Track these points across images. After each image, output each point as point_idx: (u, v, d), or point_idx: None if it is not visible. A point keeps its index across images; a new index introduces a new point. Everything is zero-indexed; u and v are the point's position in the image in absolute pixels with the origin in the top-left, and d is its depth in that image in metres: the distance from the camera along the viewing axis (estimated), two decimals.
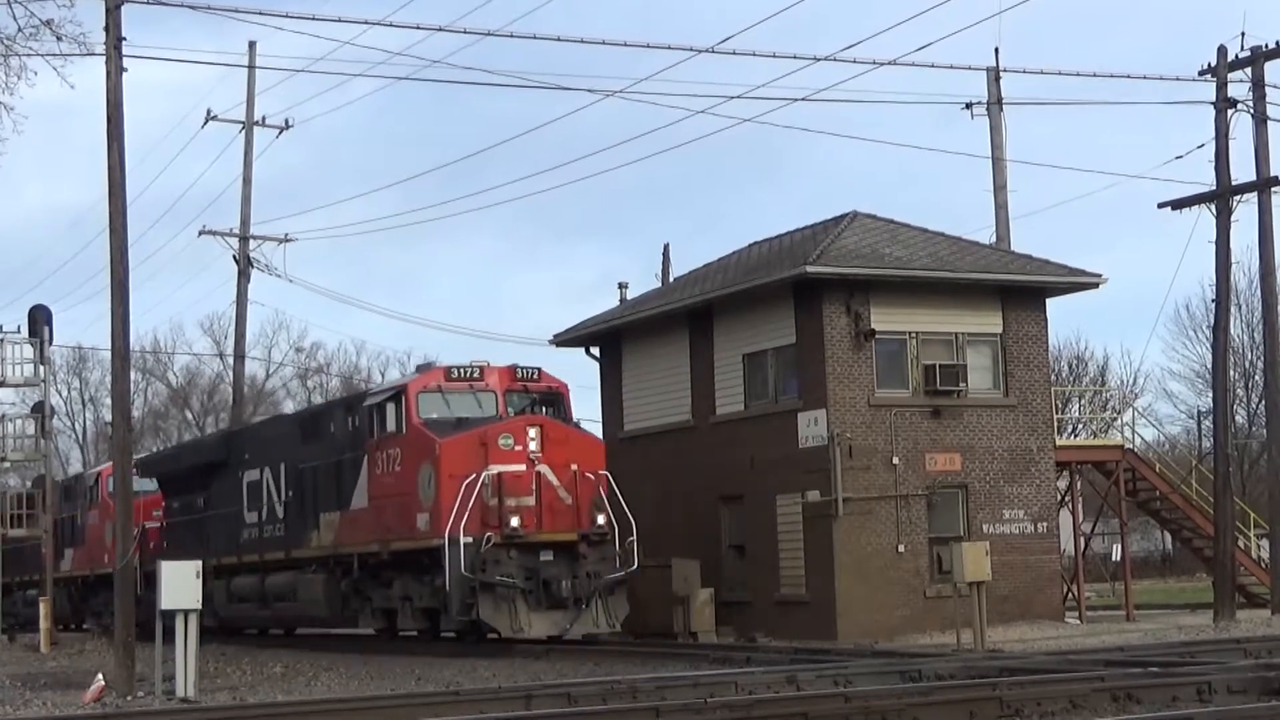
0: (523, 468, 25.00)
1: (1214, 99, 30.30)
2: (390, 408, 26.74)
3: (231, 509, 33.20)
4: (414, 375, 27.98)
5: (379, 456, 27.16)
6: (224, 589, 33.09)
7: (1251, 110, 30.45)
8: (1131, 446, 34.20)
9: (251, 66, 42.63)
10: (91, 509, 40.01)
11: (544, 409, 26.60)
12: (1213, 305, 32.71)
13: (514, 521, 24.57)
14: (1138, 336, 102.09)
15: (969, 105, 36.09)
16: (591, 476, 25.50)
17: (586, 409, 45.55)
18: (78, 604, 42.16)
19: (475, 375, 26.44)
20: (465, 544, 24.40)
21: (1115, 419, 46.04)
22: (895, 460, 28.24)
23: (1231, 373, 50.35)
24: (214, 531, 34.08)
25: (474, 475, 24.70)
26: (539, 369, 27.21)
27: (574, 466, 25.31)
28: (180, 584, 19.54)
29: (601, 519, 25.20)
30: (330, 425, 29.56)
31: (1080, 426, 47.26)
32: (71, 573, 41.16)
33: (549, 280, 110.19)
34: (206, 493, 34.92)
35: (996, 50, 35.90)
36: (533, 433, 25.21)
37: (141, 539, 33.22)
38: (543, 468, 25.10)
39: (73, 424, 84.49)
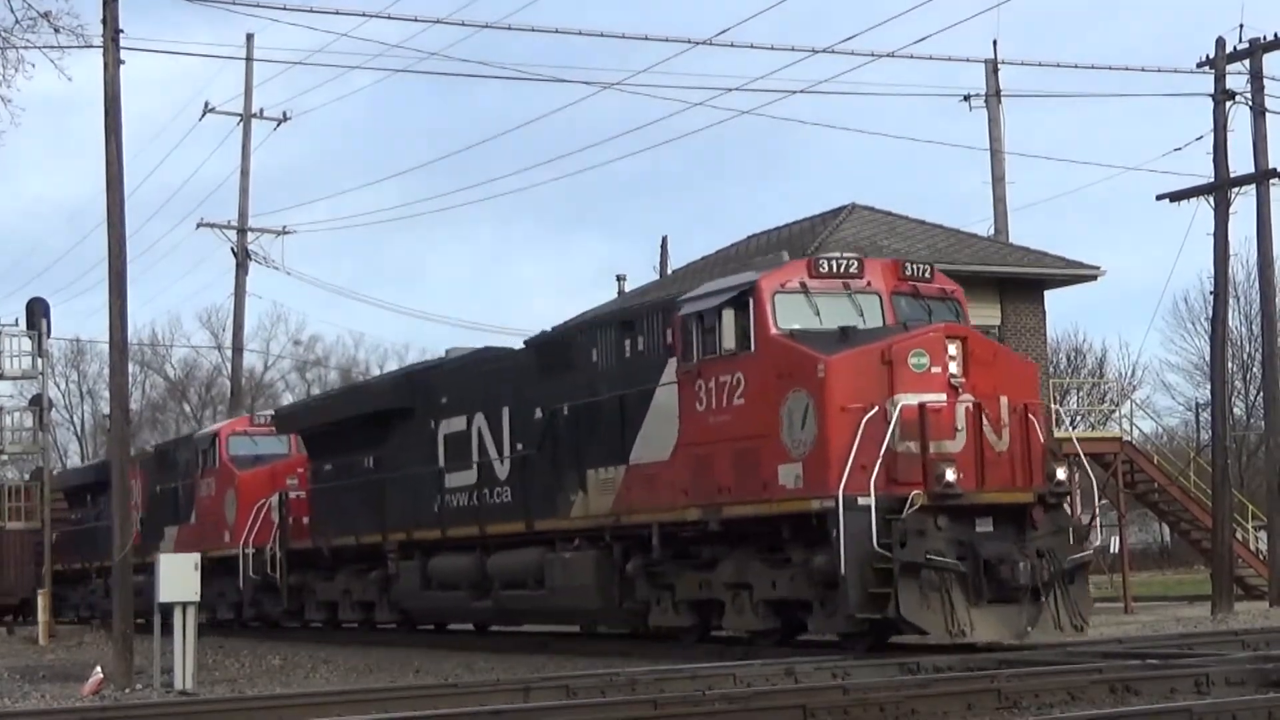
0: (944, 398, 17.86)
1: (1212, 91, 30.29)
2: (728, 316, 19.05)
3: (423, 470, 25.63)
4: (764, 270, 19.77)
5: (700, 388, 19.56)
6: (415, 572, 25.75)
7: (1250, 102, 30.46)
8: (1130, 439, 34.24)
9: (249, 59, 42.67)
10: (206, 476, 33.22)
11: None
12: (1211, 297, 32.73)
13: (949, 475, 17.53)
14: (1136, 329, 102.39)
15: (967, 97, 36.17)
16: (1031, 416, 18.52)
17: None
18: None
19: (853, 269, 19.24)
20: (871, 506, 17.28)
21: (1113, 411, 46.08)
22: None
23: (1230, 365, 50.32)
24: (394, 499, 26.50)
25: (874, 408, 17.72)
26: (931, 265, 20.53)
27: (1004, 398, 18.24)
28: (178, 576, 19.53)
29: (1061, 473, 18.53)
30: (593, 352, 21.82)
31: (1079, 419, 47.31)
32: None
33: (549, 272, 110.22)
34: (378, 450, 27.25)
35: (995, 42, 36.12)
36: (953, 349, 18.02)
37: (281, 511, 30.20)
38: (967, 397, 17.98)
39: (71, 416, 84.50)
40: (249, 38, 42.73)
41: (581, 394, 21.77)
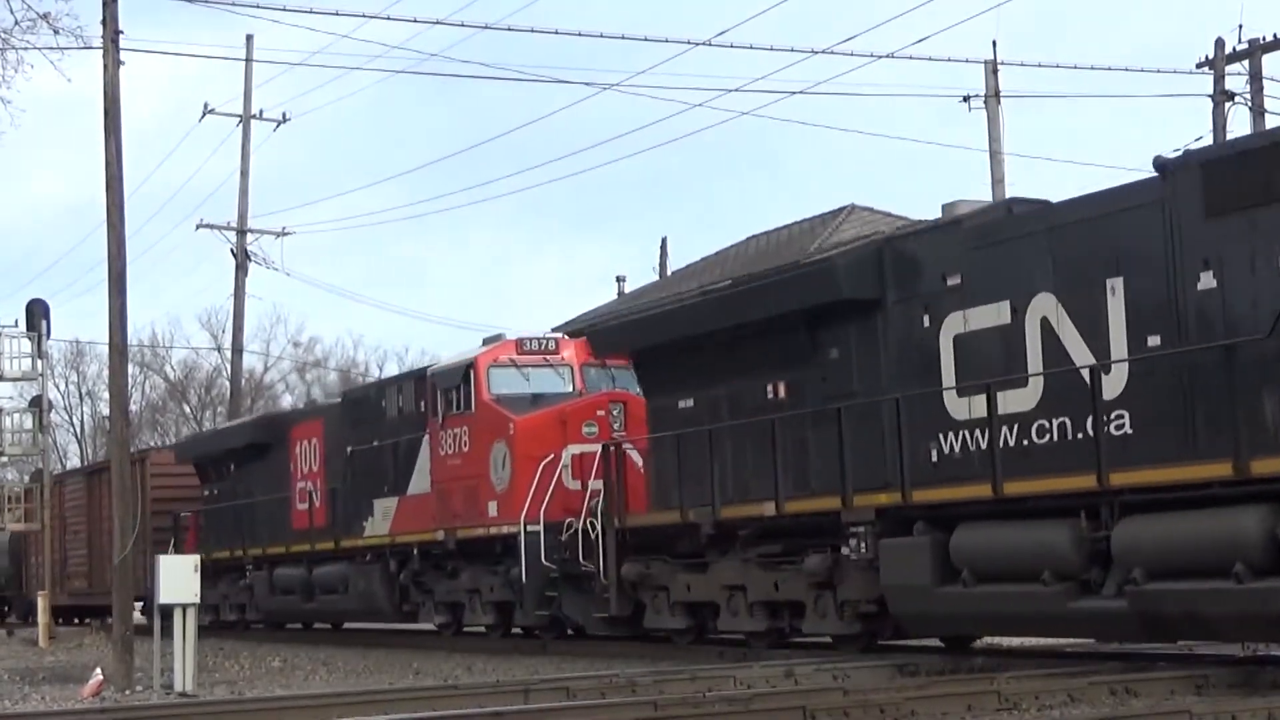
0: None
1: (1212, 92, 30.34)
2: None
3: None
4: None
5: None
6: None
7: (1249, 103, 30.50)
8: None
9: (249, 60, 42.67)
10: (451, 426, 24.62)
11: None
12: None
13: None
14: None
15: (967, 98, 36.11)
16: None
17: None
18: (393, 589, 26.77)
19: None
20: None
21: None
22: None
23: None
24: None
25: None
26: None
27: None
28: (178, 577, 19.52)
29: None
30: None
31: None
32: (391, 537, 26.39)
33: (549, 273, 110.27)
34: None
35: (994, 43, 35.98)
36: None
37: (610, 470, 22.01)
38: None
39: (70, 418, 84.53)
40: (248, 39, 42.73)
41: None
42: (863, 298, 17.55)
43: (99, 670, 19.95)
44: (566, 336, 24.79)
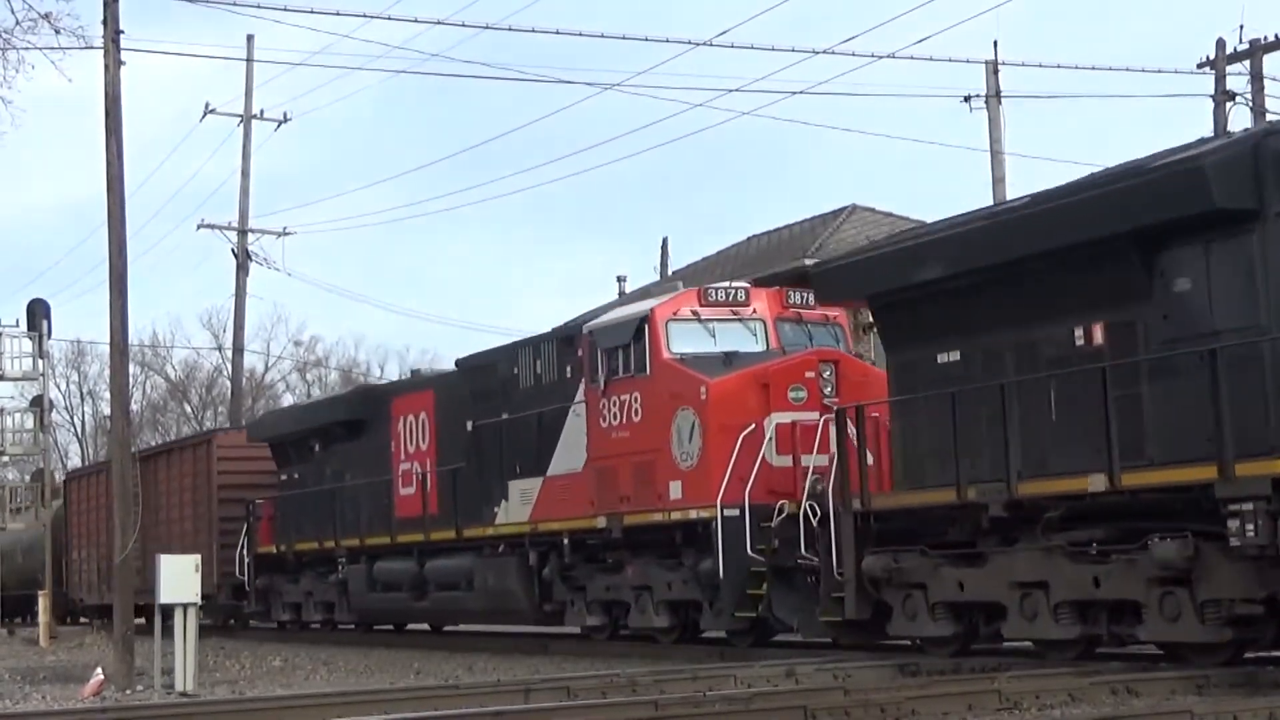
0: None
1: (1213, 92, 30.34)
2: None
3: None
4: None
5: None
6: None
7: (1250, 103, 30.49)
8: None
9: (249, 60, 42.69)
10: (616, 392, 20.92)
11: None
12: None
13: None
14: None
15: (968, 98, 36.08)
16: None
17: None
18: (532, 584, 23.08)
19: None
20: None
21: None
22: None
23: None
24: None
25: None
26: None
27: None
28: (179, 577, 19.53)
29: None
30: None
31: None
32: (532, 525, 22.69)
33: (550, 273, 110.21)
34: None
35: (995, 43, 35.89)
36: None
37: (849, 438, 18.26)
38: None
39: (71, 418, 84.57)
40: (249, 39, 42.77)
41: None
42: (1235, 208, 13.72)
43: (100, 670, 19.95)
44: (755, 285, 21.47)
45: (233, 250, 43.22)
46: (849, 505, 17.20)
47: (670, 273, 40.96)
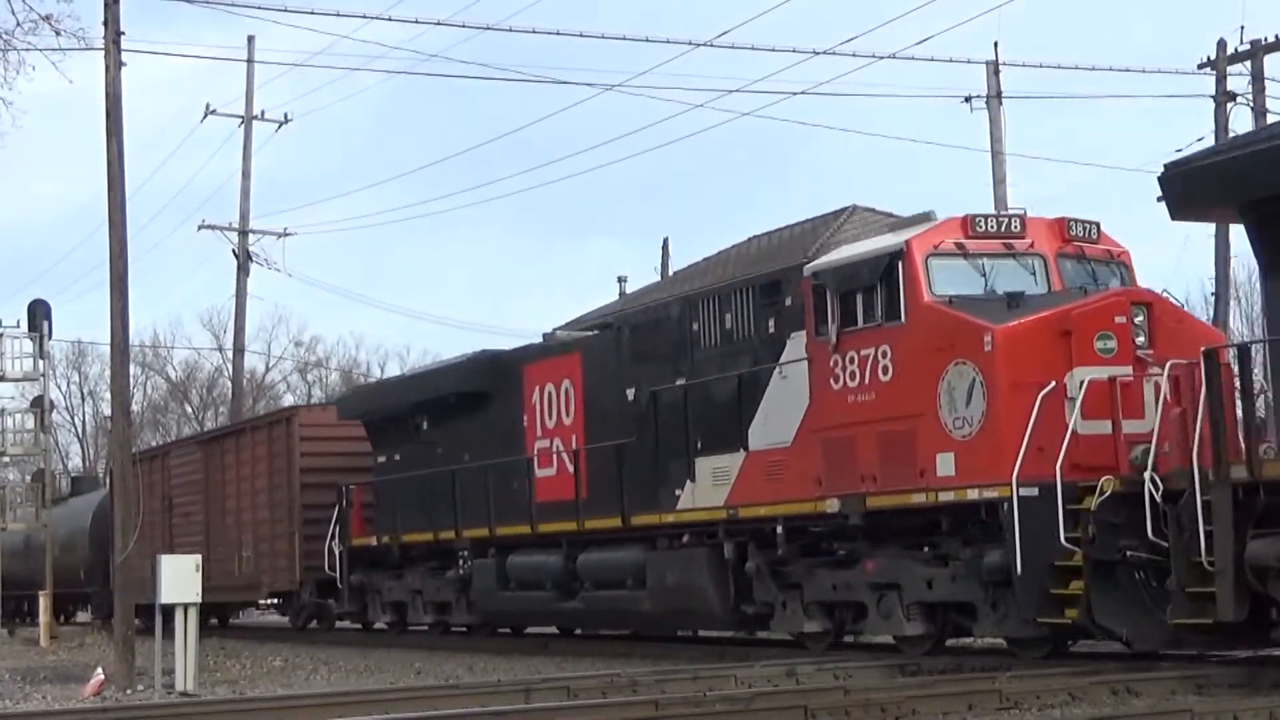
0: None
1: (1213, 92, 30.34)
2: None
3: None
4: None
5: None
6: None
7: (1251, 104, 30.49)
8: None
9: (250, 60, 42.71)
10: (847, 349, 17.53)
11: None
12: (1212, 298, 32.74)
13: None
14: None
15: (969, 99, 36.09)
16: None
17: None
18: (727, 582, 19.33)
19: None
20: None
21: None
22: None
23: None
24: None
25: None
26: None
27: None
28: (179, 577, 19.52)
29: None
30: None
31: None
32: (729, 510, 19.03)
33: (551, 274, 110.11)
34: None
35: (995, 44, 35.85)
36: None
37: (1221, 390, 15.62)
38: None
39: (72, 418, 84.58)
40: (250, 39, 42.82)
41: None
42: None
43: (100, 669, 19.95)
44: (1029, 214, 17.57)
45: (233, 251, 43.23)
46: (1224, 476, 13.52)
47: (670, 273, 40.96)
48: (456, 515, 23.92)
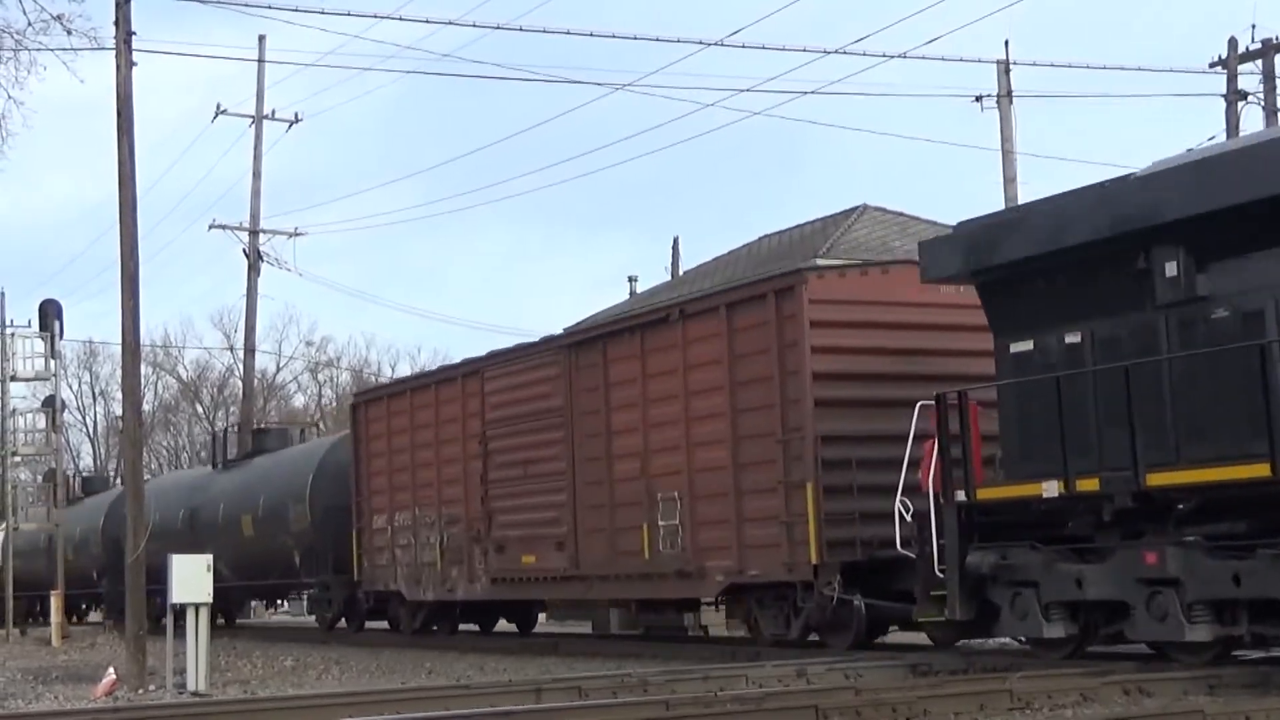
0: None
1: (1224, 92, 30.29)
2: None
3: None
4: None
5: None
6: None
7: (1262, 103, 30.44)
8: None
9: (261, 60, 42.79)
10: None
11: None
12: None
13: None
14: None
15: (979, 98, 36.06)
16: None
17: None
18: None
19: None
20: None
21: None
22: None
23: None
24: None
25: None
26: None
27: None
28: (190, 577, 19.53)
29: None
30: None
31: None
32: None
33: (562, 274, 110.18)
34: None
35: (1006, 43, 35.93)
36: None
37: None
38: None
39: (83, 418, 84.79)
40: (261, 39, 42.89)
41: None
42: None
43: (112, 670, 19.97)
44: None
45: (244, 250, 43.30)
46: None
47: (681, 273, 40.95)
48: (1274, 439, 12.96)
